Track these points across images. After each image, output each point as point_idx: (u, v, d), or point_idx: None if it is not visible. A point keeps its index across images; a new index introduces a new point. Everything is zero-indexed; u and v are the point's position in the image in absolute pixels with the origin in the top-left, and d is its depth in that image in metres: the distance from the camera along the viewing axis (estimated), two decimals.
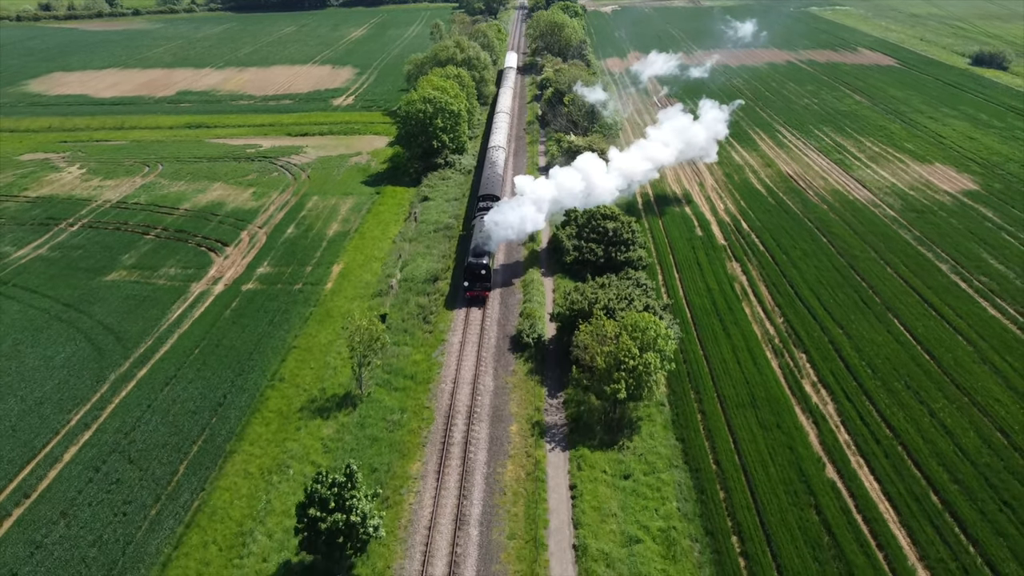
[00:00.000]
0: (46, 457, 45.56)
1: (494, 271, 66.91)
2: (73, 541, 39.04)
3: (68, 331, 59.65)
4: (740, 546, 39.24)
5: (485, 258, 62.73)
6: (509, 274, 69.43)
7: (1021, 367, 53.68)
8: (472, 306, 62.22)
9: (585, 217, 65.66)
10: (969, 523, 40.20)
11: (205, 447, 46.23)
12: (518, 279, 67.97)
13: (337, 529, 34.31)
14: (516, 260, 72.39)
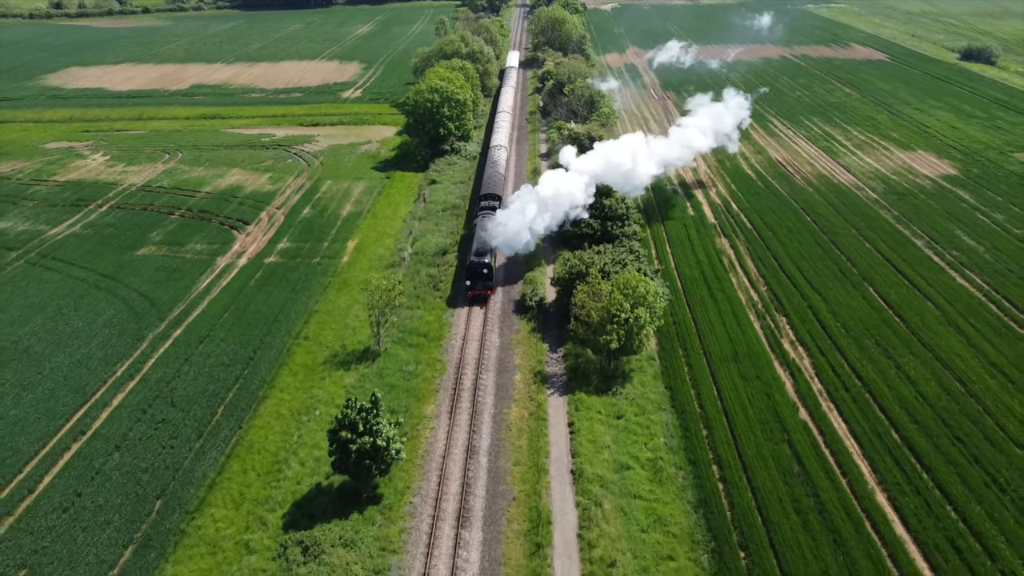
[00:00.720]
0: (97, 402, 50.58)
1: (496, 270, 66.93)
2: (128, 467, 44.11)
3: (107, 297, 64.75)
4: (719, 473, 44.23)
5: (487, 257, 62.80)
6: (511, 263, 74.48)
7: (983, 328, 58.63)
8: (475, 304, 62.59)
9: None
10: (924, 455, 45.17)
11: (240, 393, 51.27)
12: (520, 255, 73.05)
13: (365, 451, 39.33)
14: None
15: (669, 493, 42.30)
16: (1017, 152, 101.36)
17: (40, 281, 67.95)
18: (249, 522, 40.15)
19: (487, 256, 62.74)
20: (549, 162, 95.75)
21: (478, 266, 61.91)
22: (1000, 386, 51.51)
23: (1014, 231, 76.40)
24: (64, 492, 42.37)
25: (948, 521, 40.29)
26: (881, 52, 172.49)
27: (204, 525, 40.01)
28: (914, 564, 37.80)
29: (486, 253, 63.05)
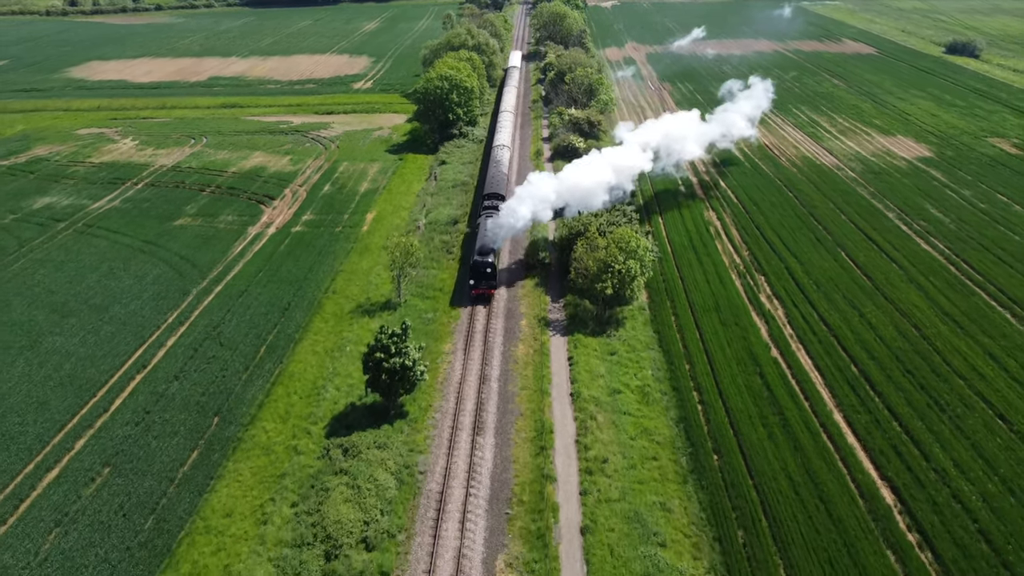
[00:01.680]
0: (153, 343, 57.46)
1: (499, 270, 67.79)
2: (188, 392, 51.02)
3: (152, 260, 71.69)
4: (699, 397, 51.05)
5: (491, 256, 62.94)
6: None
7: (941, 285, 65.36)
8: (478, 304, 62.50)
9: None
10: (877, 383, 51.94)
11: (278, 336, 58.18)
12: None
13: (395, 370, 46.19)
14: None
15: (655, 411, 49.15)
16: (991, 137, 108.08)
17: (90, 246, 74.93)
18: (296, 432, 47.06)
19: (491, 256, 63.01)
20: (551, 145, 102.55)
21: (482, 265, 61.98)
22: (951, 331, 58.28)
23: (979, 205, 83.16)
24: (134, 411, 49.27)
25: (892, 432, 47.08)
26: (871, 46, 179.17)
27: (257, 434, 46.94)
28: (861, 465, 44.57)
29: (490, 252, 63.31)
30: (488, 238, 64.75)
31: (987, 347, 55.98)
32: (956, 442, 46.12)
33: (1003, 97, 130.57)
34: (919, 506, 41.27)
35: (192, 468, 44.16)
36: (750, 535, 39.59)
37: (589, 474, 43.32)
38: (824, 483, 42.93)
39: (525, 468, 43.83)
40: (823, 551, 38.45)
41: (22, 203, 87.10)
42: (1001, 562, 37.70)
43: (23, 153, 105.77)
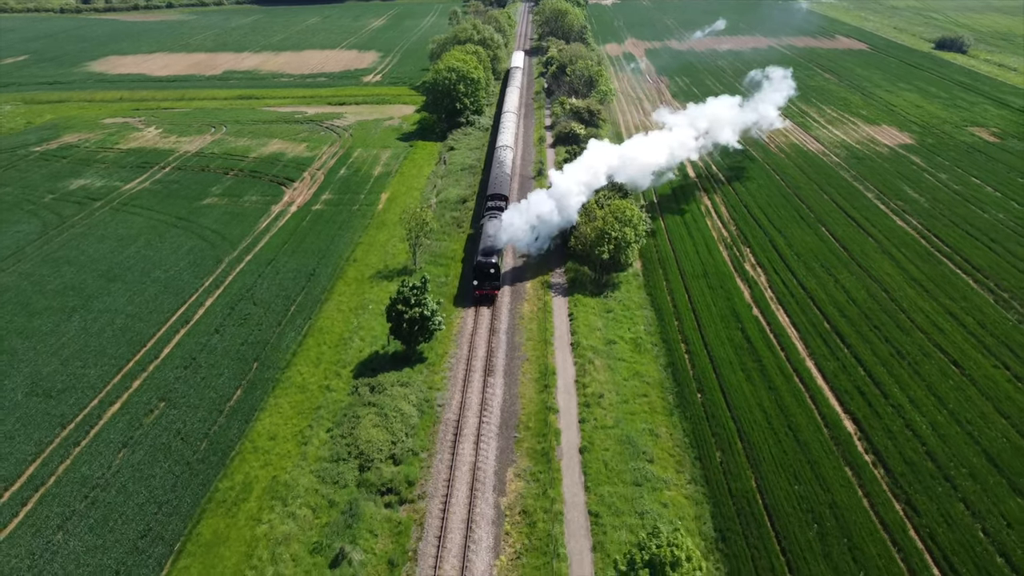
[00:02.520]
0: (193, 303, 63.45)
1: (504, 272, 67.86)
2: (228, 343, 57.02)
3: (185, 233, 77.72)
4: (685, 347, 56.99)
5: (494, 257, 62.97)
6: (524, 191, 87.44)
7: (911, 255, 71.22)
8: (481, 305, 62.68)
9: (583, 149, 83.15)
10: (846, 336, 57.82)
11: (306, 296, 64.20)
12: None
13: (414, 319, 52.16)
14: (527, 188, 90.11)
15: (646, 359, 55.10)
16: (971, 126, 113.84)
17: (127, 222, 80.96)
18: (327, 374, 53.06)
19: (494, 256, 63.08)
20: (553, 132, 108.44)
21: (485, 266, 62.14)
22: (917, 294, 64.16)
23: (953, 187, 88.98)
24: (182, 358, 55.26)
25: (857, 376, 52.97)
26: (862, 43, 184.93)
27: (293, 376, 52.94)
28: (827, 401, 50.48)
29: (493, 253, 63.39)
30: (492, 239, 65.19)
31: (948, 307, 61.90)
32: (912, 383, 52.04)
33: (985, 90, 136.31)
34: (875, 433, 47.20)
35: (237, 403, 50.17)
36: (726, 455, 45.53)
37: (587, 407, 49.30)
38: (793, 415, 48.88)
39: (531, 402, 49.83)
40: (789, 467, 44.38)
41: (58, 184, 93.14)
42: (943, 476, 43.59)
43: (54, 140, 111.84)
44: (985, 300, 62.99)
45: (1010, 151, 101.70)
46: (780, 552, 38.65)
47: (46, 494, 42.26)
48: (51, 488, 42.69)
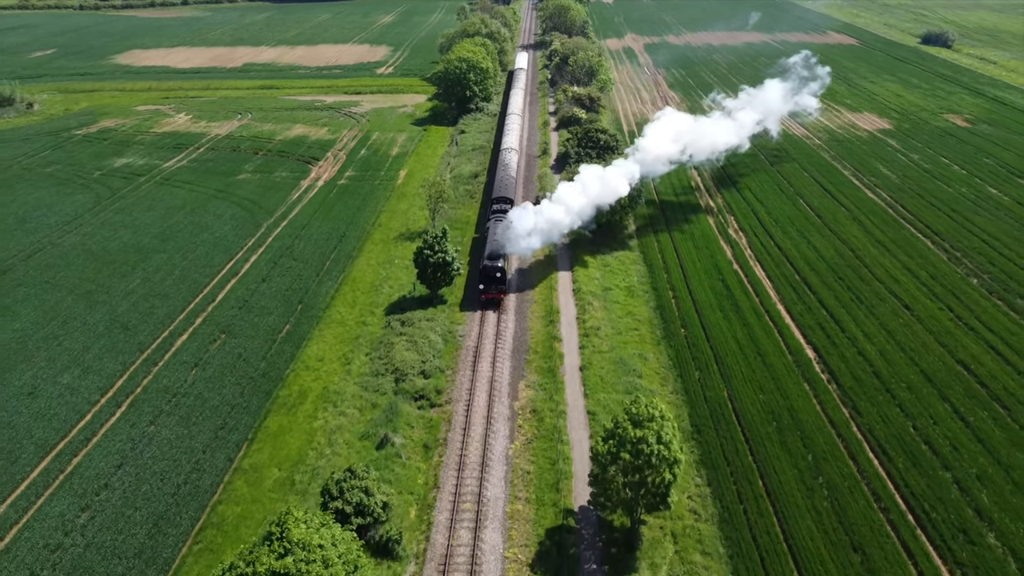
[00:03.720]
0: (239, 259, 71.95)
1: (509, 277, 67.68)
2: (275, 289, 65.51)
3: (225, 203, 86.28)
4: (672, 293, 65.39)
5: (500, 261, 62.54)
6: (530, 173, 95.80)
7: (878, 222, 79.52)
8: (487, 308, 62.34)
9: (583, 131, 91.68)
10: (813, 286, 66.13)
11: (339, 253, 72.69)
12: (535, 176, 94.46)
13: (437, 264, 60.59)
14: (533, 169, 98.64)
15: (638, 301, 63.53)
16: (947, 113, 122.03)
17: (171, 193, 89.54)
18: (363, 313, 61.56)
19: (500, 260, 62.65)
20: (556, 117, 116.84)
21: (491, 270, 61.65)
22: (879, 253, 72.49)
23: (923, 165, 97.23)
24: (236, 300, 63.75)
25: (820, 316, 61.27)
26: (853, 38, 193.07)
27: (333, 314, 61.43)
28: (793, 334, 58.77)
29: (499, 257, 62.93)
30: (498, 243, 64.76)
31: (906, 263, 70.24)
32: (867, 321, 60.38)
33: (965, 81, 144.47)
34: (831, 358, 55.54)
35: (287, 334, 58.66)
36: (703, 373, 53.91)
37: (586, 336, 57.75)
38: (763, 344, 57.24)
39: (538, 333, 58.28)
40: (756, 382, 52.74)
41: (104, 163, 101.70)
42: (885, 388, 51.91)
43: (93, 125, 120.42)
44: (939, 257, 71.33)
45: (980, 135, 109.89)
46: (744, 440, 47.05)
47: (136, 399, 50.78)
48: (139, 395, 51.20)
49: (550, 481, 43.13)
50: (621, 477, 36.14)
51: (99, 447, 46.11)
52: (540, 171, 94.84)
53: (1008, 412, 49.14)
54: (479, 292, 62.58)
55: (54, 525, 40.12)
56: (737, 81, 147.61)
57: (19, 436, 46.92)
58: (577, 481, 43.15)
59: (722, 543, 39.36)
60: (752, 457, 45.68)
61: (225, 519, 40.44)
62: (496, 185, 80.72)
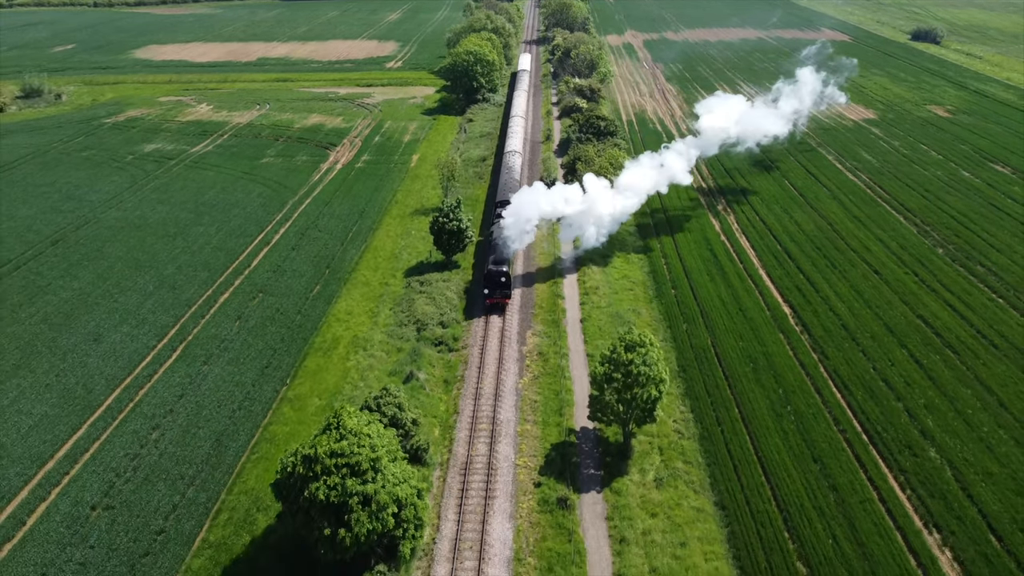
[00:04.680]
0: (270, 231, 78.65)
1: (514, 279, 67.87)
2: (304, 256, 72.29)
3: (252, 183, 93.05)
4: (665, 260, 72.05)
5: (505, 265, 62.41)
6: (534, 157, 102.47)
7: (856, 200, 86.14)
8: (491, 314, 62.13)
9: (584, 118, 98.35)
10: (793, 254, 72.77)
11: (360, 226, 79.45)
12: (539, 159, 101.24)
13: (452, 231, 67.28)
14: (537, 154, 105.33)
15: (633, 267, 70.27)
16: (930, 104, 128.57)
17: (201, 175, 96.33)
18: (385, 276, 68.31)
19: (505, 265, 62.79)
20: (559, 107, 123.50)
21: (496, 275, 61.44)
22: (855, 226, 79.10)
23: (903, 151, 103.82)
24: (270, 265, 70.50)
25: (798, 280, 67.89)
26: (845, 34, 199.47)
27: (358, 277, 68.18)
28: (771, 294, 65.42)
29: (504, 262, 63.09)
30: (503, 247, 64.79)
31: (878, 235, 76.88)
32: (839, 283, 67.02)
33: (950, 75, 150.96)
34: (805, 314, 62.17)
35: (318, 293, 65.42)
36: (690, 325, 60.60)
37: (586, 295, 64.52)
38: (744, 302, 63.90)
39: (543, 292, 65.04)
40: (736, 332, 59.40)
41: (135, 148, 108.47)
42: (851, 337, 58.50)
43: (120, 114, 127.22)
44: (909, 231, 77.97)
45: (959, 124, 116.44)
46: (724, 378, 53.72)
47: (188, 345, 57.52)
48: (191, 342, 57.95)
49: (554, 407, 49.87)
50: (615, 395, 42.80)
51: (161, 381, 52.90)
52: (544, 155, 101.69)
53: (957, 356, 55.80)
54: (483, 297, 62.40)
55: (130, 440, 46.89)
56: (732, 74, 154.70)
57: (91, 372, 53.72)
58: (578, 408, 49.87)
59: (701, 455, 46.11)
60: (730, 391, 52.38)
61: (276, 436, 47.19)
62: (500, 188, 79.95)
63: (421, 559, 38.51)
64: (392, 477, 36.54)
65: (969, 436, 47.26)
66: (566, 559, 38.01)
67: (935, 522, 40.96)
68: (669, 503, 41.94)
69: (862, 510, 41.67)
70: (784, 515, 41.53)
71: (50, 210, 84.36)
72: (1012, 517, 41.01)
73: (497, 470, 44.11)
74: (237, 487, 43.02)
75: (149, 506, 41.41)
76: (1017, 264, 69.77)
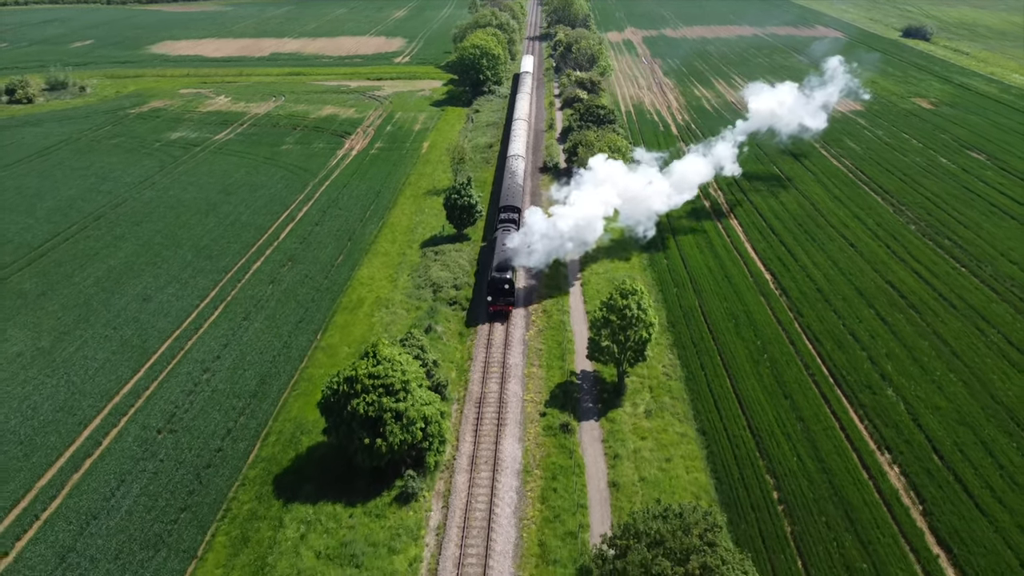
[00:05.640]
0: (294, 209, 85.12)
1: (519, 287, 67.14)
2: (327, 230, 78.78)
3: (274, 167, 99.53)
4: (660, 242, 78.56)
5: (509, 273, 61.81)
6: (538, 143, 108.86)
7: (839, 183, 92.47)
8: (495, 321, 61.38)
9: (585, 107, 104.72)
10: (776, 229, 79.17)
11: (378, 204, 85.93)
12: (542, 145, 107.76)
13: (463, 206, 73.71)
14: (540, 140, 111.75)
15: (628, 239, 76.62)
16: (915, 97, 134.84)
17: (226, 160, 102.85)
18: (402, 247, 74.80)
19: (509, 272, 61.99)
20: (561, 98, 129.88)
21: (500, 282, 60.91)
22: (836, 206, 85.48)
23: (885, 139, 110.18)
24: (296, 237, 76.99)
25: (780, 251, 74.28)
26: (838, 31, 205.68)
27: (377, 248, 74.67)
28: (754, 262, 71.85)
29: (508, 269, 62.29)
30: (506, 253, 63.78)
31: (856, 214, 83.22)
32: (817, 255, 73.39)
33: (936, 70, 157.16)
34: (784, 279, 68.55)
35: (342, 262, 71.90)
36: (680, 289, 67.05)
37: (585, 261, 70.90)
38: (729, 270, 70.32)
39: None
40: (722, 295, 65.81)
41: (160, 136, 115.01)
42: (824, 299, 64.84)
43: (144, 105, 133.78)
44: (885, 210, 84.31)
45: (941, 115, 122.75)
46: (708, 332, 60.12)
47: (228, 304, 64.02)
48: (230, 302, 64.44)
49: (557, 354, 56.34)
50: (611, 336, 49.19)
51: (207, 334, 59.39)
52: (547, 142, 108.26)
53: (919, 315, 62.14)
54: (487, 304, 61.96)
55: (184, 380, 53.37)
56: (727, 69, 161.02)
57: (144, 326, 60.24)
58: (578, 356, 56.29)
59: (686, 392, 52.55)
60: (714, 343, 58.80)
61: (313, 376, 53.65)
62: (503, 194, 78.49)
63: (443, 471, 44.98)
64: (420, 399, 42.99)
65: (923, 379, 53.66)
66: (567, 470, 44.46)
67: (887, 445, 47.37)
68: (657, 429, 48.39)
69: (824, 435, 48.11)
70: (756, 439, 47.95)
71: (89, 190, 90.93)
72: (954, 441, 47.39)
73: (507, 403, 50.53)
74: (282, 416, 49.51)
75: (207, 430, 47.90)
76: (982, 239, 76.13)
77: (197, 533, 40.13)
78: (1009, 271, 69.04)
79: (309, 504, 41.84)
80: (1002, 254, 72.43)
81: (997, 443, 47.12)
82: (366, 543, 38.98)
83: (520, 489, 43.41)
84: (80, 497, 42.55)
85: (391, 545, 38.99)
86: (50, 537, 39.84)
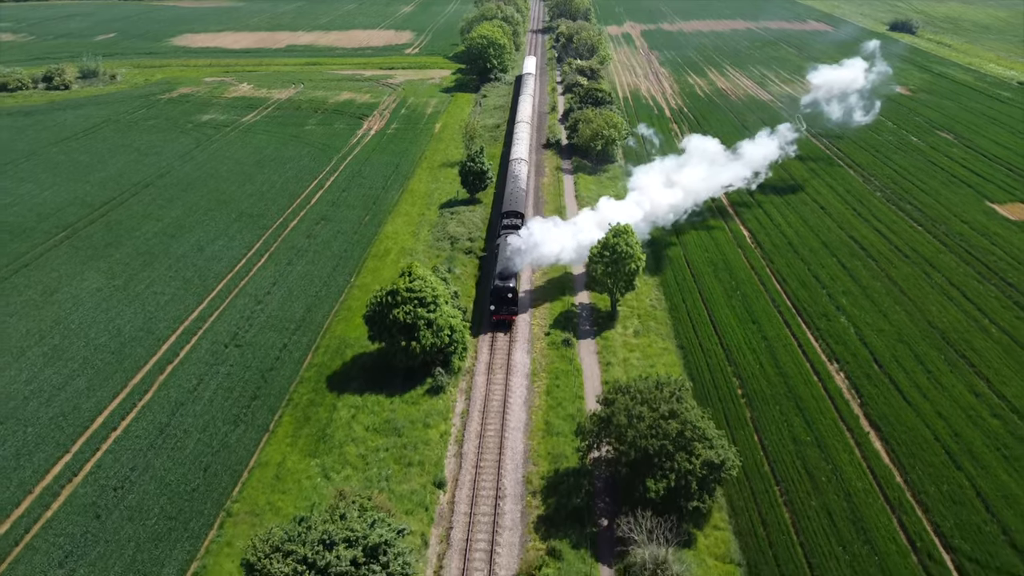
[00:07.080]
0: (321, 179, 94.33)
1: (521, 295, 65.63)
2: (353, 196, 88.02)
3: (300, 144, 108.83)
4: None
5: (512, 281, 60.51)
6: (541, 123, 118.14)
7: (818, 160, 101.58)
8: (498, 330, 60.10)
9: (585, 91, 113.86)
10: (757, 198, 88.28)
11: (397, 175, 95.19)
12: (545, 125, 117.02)
13: (476, 173, 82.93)
14: (543, 121, 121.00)
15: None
16: (894, 85, 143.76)
17: (255, 138, 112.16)
18: (422, 208, 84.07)
19: (512, 280, 60.65)
20: (563, 84, 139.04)
21: (503, 290, 59.58)
22: (811, 176, 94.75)
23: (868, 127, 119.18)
24: (327, 202, 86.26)
25: (757, 213, 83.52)
26: (829, 25, 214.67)
27: (399, 209, 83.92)
28: (742, 233, 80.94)
29: (511, 277, 61.01)
30: (509, 261, 61.91)
31: (829, 183, 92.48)
32: (791, 215, 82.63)
33: (918, 60, 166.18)
34: (759, 235, 77.77)
35: (369, 221, 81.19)
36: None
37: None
38: (717, 239, 79.43)
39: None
40: (703, 247, 75.04)
41: (192, 118, 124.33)
42: (794, 250, 74.07)
43: (173, 91, 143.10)
44: (856, 180, 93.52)
45: (917, 100, 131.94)
46: (690, 275, 69.44)
47: (273, 253, 73.36)
48: (274, 251, 73.73)
49: (559, 290, 65.57)
50: (605, 268, 58.37)
51: (257, 275, 68.72)
52: (550, 123, 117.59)
53: (875, 263, 71.28)
54: (489, 314, 60.58)
55: (242, 309, 62.65)
56: (719, 59, 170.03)
57: (201, 270, 69.56)
58: (577, 294, 65.45)
59: (669, 318, 61.84)
60: (695, 283, 68.09)
61: (351, 307, 62.91)
62: (506, 199, 76.70)
63: (465, 375, 54.26)
64: (446, 312, 52.24)
65: (872, 309, 62.84)
66: (568, 373, 53.74)
67: (836, 357, 56.57)
68: (643, 344, 57.67)
69: (784, 350, 57.33)
70: (726, 352, 57.18)
71: (135, 163, 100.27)
72: (892, 355, 56.51)
73: (517, 326, 59.75)
74: (328, 334, 58.83)
75: (266, 344, 57.25)
76: (940, 203, 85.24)
77: (268, 414, 49.48)
78: (960, 229, 78.26)
79: (357, 395, 51.20)
80: (955, 215, 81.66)
81: (928, 356, 56.31)
82: (405, 420, 48.32)
83: (529, 386, 52.68)
84: (168, 390, 51.90)
85: (425, 422, 48.35)
86: (148, 417, 49.20)
